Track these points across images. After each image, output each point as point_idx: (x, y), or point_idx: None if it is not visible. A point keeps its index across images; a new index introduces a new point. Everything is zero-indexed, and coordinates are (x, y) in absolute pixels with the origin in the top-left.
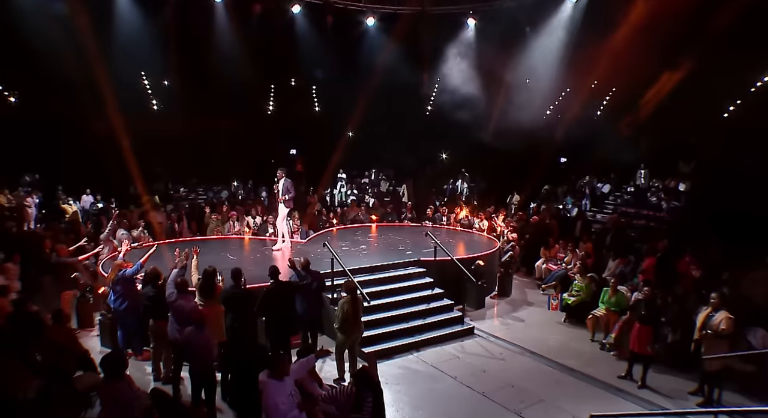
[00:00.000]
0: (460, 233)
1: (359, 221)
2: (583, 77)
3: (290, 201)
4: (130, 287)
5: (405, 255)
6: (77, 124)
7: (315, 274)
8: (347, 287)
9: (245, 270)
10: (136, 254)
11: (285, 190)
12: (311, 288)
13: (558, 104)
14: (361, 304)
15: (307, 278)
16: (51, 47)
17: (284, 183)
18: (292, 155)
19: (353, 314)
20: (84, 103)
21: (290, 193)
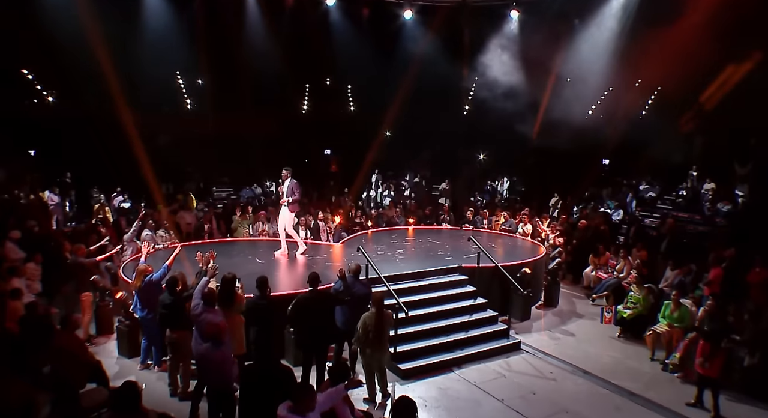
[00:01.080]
0: (502, 237)
1: (395, 223)
2: (635, 71)
3: (294, 204)
4: (156, 293)
5: (445, 261)
6: (110, 122)
7: (363, 283)
8: (375, 299)
9: (272, 276)
10: (160, 256)
11: (289, 191)
12: (357, 298)
13: (606, 101)
14: (388, 320)
15: (356, 287)
16: (81, 45)
17: (289, 184)
18: (327, 155)
19: (377, 331)
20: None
21: (294, 195)
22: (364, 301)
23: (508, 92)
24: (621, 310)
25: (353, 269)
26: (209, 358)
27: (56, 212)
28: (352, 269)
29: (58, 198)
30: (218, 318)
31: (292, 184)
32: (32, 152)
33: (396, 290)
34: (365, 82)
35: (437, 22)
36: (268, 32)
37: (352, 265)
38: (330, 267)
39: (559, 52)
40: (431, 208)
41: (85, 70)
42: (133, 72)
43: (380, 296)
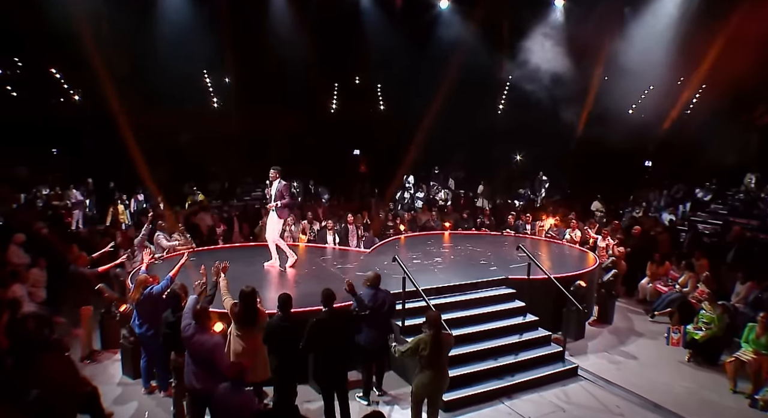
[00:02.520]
0: (548, 244)
1: (430, 227)
2: (694, 62)
3: (284, 209)
4: (157, 307)
5: (489, 272)
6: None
7: (385, 294)
8: (432, 320)
9: (297, 286)
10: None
11: (278, 194)
12: (381, 312)
13: (659, 95)
14: (448, 342)
15: (374, 301)
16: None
17: (278, 186)
18: (356, 156)
19: (434, 355)
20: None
21: (284, 198)
22: (388, 313)
23: (551, 86)
24: (691, 330)
25: (371, 279)
26: (230, 404)
27: (79, 208)
28: (370, 278)
29: (81, 196)
30: (212, 340)
31: (281, 187)
32: (54, 151)
33: (435, 306)
34: (397, 77)
35: (475, 11)
36: (295, 25)
37: (369, 274)
38: (362, 278)
39: (607, 43)
40: (469, 211)
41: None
42: (156, 69)
43: (437, 316)
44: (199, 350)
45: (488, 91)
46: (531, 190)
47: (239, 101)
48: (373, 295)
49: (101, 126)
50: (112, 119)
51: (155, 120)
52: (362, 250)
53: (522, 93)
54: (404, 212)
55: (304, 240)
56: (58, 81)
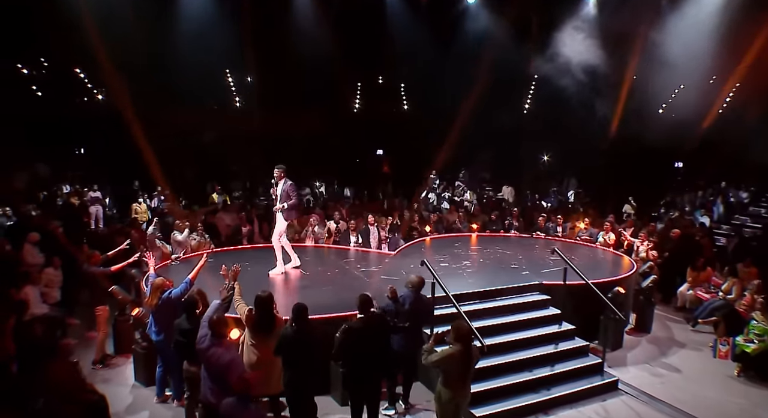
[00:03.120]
0: (581, 247)
1: (457, 229)
2: (736, 58)
3: (291, 211)
4: (176, 313)
5: (521, 276)
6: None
7: (423, 300)
8: (459, 332)
9: (320, 290)
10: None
11: (284, 195)
12: (418, 318)
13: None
14: (475, 357)
15: (417, 304)
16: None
17: (283, 186)
18: (379, 156)
19: (461, 370)
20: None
21: (290, 199)
22: (424, 320)
23: (582, 82)
24: (741, 343)
25: (415, 283)
26: None
27: (98, 203)
28: (414, 282)
29: (99, 194)
30: (229, 354)
31: (288, 187)
32: (78, 150)
33: (467, 313)
34: (422, 74)
35: (504, 4)
36: (318, 20)
37: (413, 277)
38: (387, 282)
39: (643, 35)
40: (497, 213)
41: (129, 66)
42: (177, 67)
43: (467, 330)
44: (215, 364)
45: (516, 88)
46: (559, 191)
47: (261, 100)
48: (414, 300)
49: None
50: (133, 118)
51: (177, 119)
52: (387, 252)
53: (551, 90)
54: (430, 213)
55: (329, 241)
56: (82, 80)
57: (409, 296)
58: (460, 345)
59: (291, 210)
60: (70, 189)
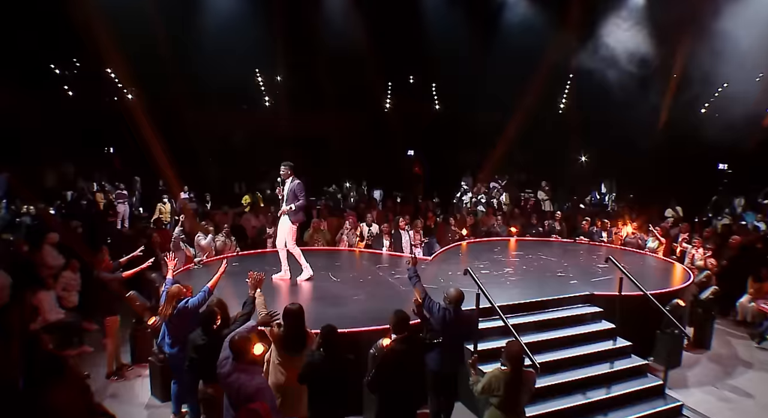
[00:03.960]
0: (628, 254)
1: (495, 233)
2: None
3: (298, 212)
4: (192, 325)
5: (569, 286)
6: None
7: (465, 316)
8: (512, 355)
9: (350, 299)
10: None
11: (290, 195)
12: (457, 334)
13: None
14: (528, 382)
15: (451, 321)
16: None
17: (291, 185)
18: (410, 156)
19: (512, 399)
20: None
21: (297, 200)
22: (466, 336)
23: (627, 77)
24: None
25: (453, 297)
26: None
27: (123, 199)
28: (453, 296)
29: (126, 193)
30: (254, 383)
31: (295, 186)
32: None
33: (513, 327)
34: (456, 71)
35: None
36: (350, 16)
37: (452, 291)
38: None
39: (696, 26)
40: (537, 216)
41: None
42: (206, 66)
43: (518, 350)
44: (237, 392)
45: (554, 84)
46: (599, 193)
47: (291, 99)
48: (454, 315)
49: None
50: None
51: (206, 119)
52: (422, 257)
53: (592, 85)
54: (466, 216)
55: (361, 245)
56: (112, 80)
57: (447, 312)
58: (510, 366)
59: (298, 212)
60: (96, 188)
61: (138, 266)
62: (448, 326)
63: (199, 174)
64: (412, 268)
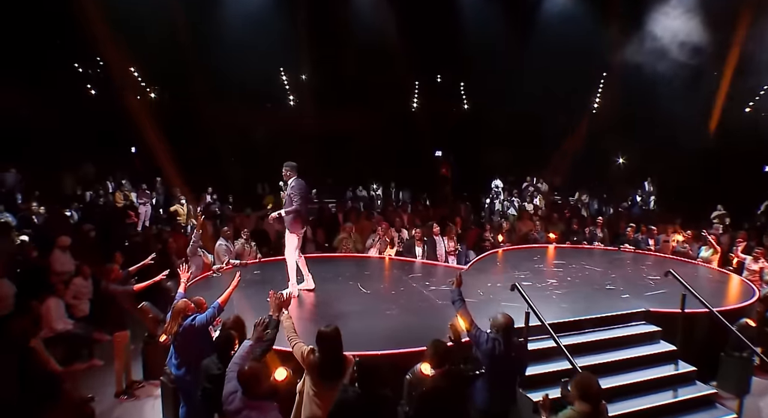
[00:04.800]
0: (679, 264)
1: (533, 239)
2: None
3: (292, 219)
4: (199, 344)
5: (621, 301)
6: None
7: (516, 347)
8: (588, 389)
9: (382, 314)
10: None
11: (287, 200)
12: (507, 367)
13: None
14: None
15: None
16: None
17: (291, 187)
18: (438, 157)
19: None
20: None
21: (294, 203)
22: (517, 370)
23: (676, 69)
24: None
25: (502, 324)
26: None
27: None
28: (501, 323)
29: (148, 193)
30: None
31: (297, 186)
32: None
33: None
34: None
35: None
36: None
37: (499, 317)
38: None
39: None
40: (578, 221)
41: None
42: (230, 64)
43: (598, 388)
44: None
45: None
46: (638, 197)
47: (316, 98)
48: (504, 345)
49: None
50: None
51: (229, 118)
52: (457, 266)
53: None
54: (502, 221)
55: (392, 252)
56: (135, 79)
57: (497, 342)
58: (587, 406)
59: (292, 219)
60: (115, 188)
61: (152, 274)
62: (497, 358)
63: (221, 174)
64: (456, 290)
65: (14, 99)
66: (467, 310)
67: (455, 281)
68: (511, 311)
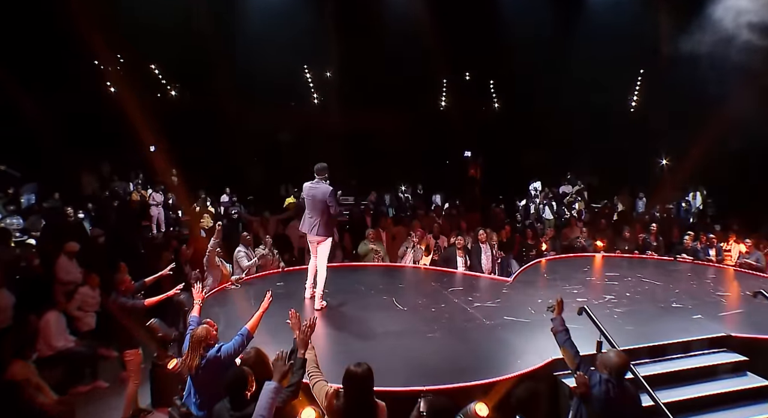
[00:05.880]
0: (745, 276)
1: (580, 247)
2: None
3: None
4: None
5: (693, 322)
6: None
7: (630, 392)
8: None
9: (422, 338)
10: (255, 290)
11: (322, 203)
12: (624, 412)
13: None
14: None
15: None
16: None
17: (322, 190)
18: (466, 158)
19: None
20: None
21: (331, 207)
22: None
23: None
24: None
25: (616, 365)
26: None
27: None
28: (615, 364)
29: (161, 197)
30: None
31: (332, 190)
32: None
33: None
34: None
35: None
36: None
37: (612, 356)
38: (512, 325)
39: None
40: (628, 228)
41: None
42: (252, 63)
43: None
44: None
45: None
46: (685, 201)
47: (342, 96)
48: (617, 391)
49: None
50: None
51: (251, 117)
52: (501, 278)
53: (691, 71)
54: (546, 228)
55: (427, 261)
56: (156, 76)
57: (611, 385)
58: None
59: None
60: (132, 188)
61: (165, 286)
62: (612, 405)
63: (241, 174)
64: (558, 319)
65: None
66: (573, 344)
67: (555, 306)
68: (574, 334)
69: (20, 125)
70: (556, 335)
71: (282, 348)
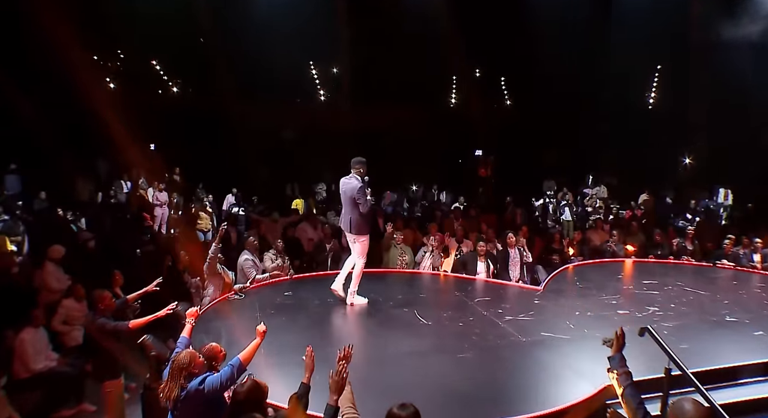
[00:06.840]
0: None
1: (609, 252)
2: None
3: (362, 219)
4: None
5: (754, 339)
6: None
7: None
8: None
9: (452, 357)
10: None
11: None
12: None
13: None
14: None
15: None
16: None
17: (352, 185)
18: (477, 157)
19: None
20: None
21: (361, 203)
22: None
23: None
24: None
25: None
26: None
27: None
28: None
29: (165, 197)
30: None
31: (363, 186)
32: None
33: None
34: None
35: None
36: None
37: (688, 408)
38: (552, 343)
39: None
40: (661, 231)
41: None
42: (256, 58)
43: None
44: None
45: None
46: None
47: (350, 93)
48: None
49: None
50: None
51: (255, 114)
52: (531, 287)
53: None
54: (564, 230)
55: (447, 268)
56: (157, 73)
57: None
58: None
59: (363, 222)
60: (131, 190)
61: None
62: None
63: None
64: (617, 356)
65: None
66: (636, 392)
67: (614, 341)
68: None
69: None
70: (619, 378)
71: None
